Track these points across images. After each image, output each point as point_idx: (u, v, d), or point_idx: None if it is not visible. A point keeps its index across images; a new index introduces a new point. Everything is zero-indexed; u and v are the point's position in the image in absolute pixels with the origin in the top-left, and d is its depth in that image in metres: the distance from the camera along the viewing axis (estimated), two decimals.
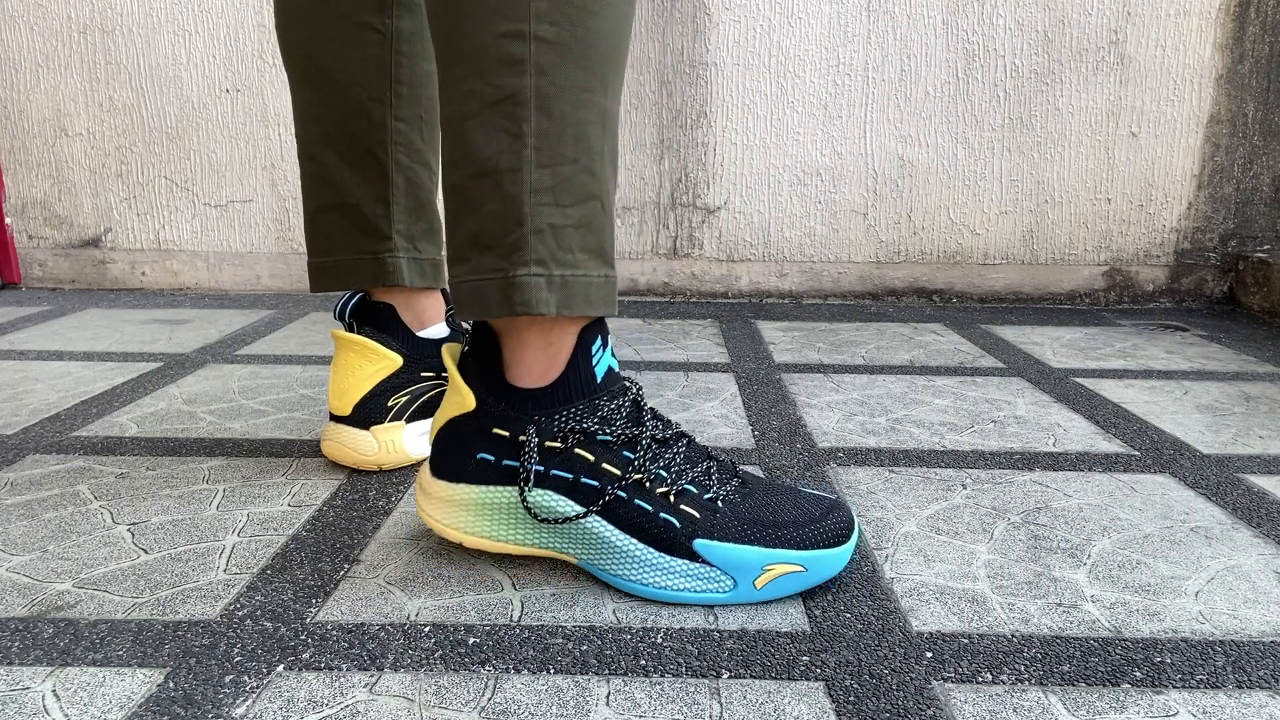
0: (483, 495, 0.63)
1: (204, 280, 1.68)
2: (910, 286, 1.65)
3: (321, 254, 0.84)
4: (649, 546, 0.61)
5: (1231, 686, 0.52)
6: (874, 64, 1.56)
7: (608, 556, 0.62)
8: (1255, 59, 1.54)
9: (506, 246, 0.61)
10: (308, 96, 0.81)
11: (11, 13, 1.57)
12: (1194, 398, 1.08)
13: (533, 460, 0.62)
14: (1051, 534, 0.72)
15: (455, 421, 0.64)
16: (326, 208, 0.82)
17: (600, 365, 0.63)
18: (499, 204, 0.61)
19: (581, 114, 0.60)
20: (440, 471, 0.64)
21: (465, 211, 0.62)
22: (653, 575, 0.61)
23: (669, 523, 0.61)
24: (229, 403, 1.03)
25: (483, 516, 0.64)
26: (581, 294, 0.62)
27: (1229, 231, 1.61)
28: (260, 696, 0.51)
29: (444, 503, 0.64)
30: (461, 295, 0.63)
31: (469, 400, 0.63)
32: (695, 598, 0.60)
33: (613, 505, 0.61)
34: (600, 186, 0.62)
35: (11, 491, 0.78)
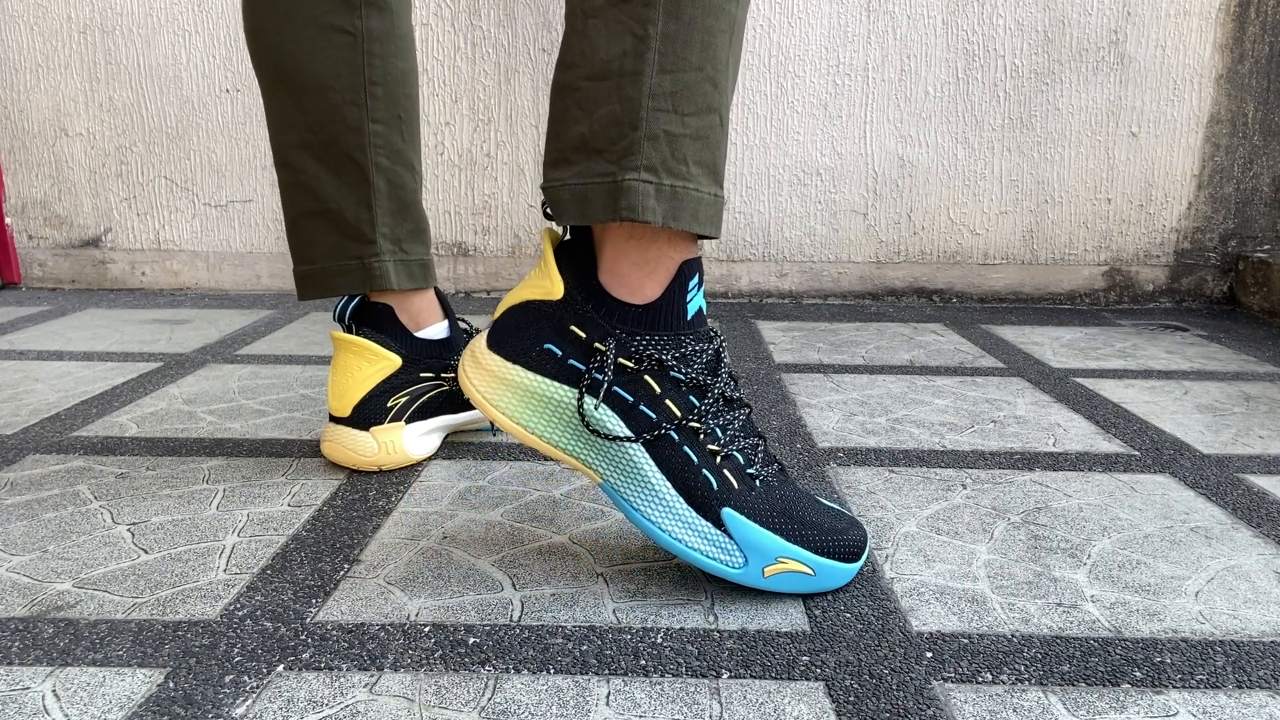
0: (537, 384, 0.61)
1: (204, 280, 1.68)
2: (910, 286, 1.65)
3: (306, 261, 0.83)
4: (680, 495, 0.60)
5: (1231, 686, 0.52)
6: (874, 64, 1.56)
7: (636, 490, 0.61)
8: (1255, 59, 1.54)
9: (618, 151, 0.58)
10: (281, 102, 0.80)
11: (11, 13, 1.57)
12: (1194, 398, 1.08)
13: (605, 369, 0.60)
14: (1051, 534, 0.72)
15: (532, 305, 0.61)
16: (307, 214, 0.81)
17: (693, 304, 0.62)
18: (616, 106, 0.58)
19: (710, 20, 0.57)
20: (499, 348, 0.62)
21: (577, 112, 0.59)
22: (673, 524, 0.60)
23: (707, 481, 0.60)
24: (229, 403, 1.03)
25: (529, 405, 0.61)
26: (690, 208, 0.59)
27: (1229, 231, 1.61)
28: (260, 696, 0.51)
29: (494, 378, 0.62)
30: (564, 199, 0.60)
31: (557, 288, 0.61)
32: (704, 562, 0.60)
33: (661, 442, 0.60)
34: (721, 99, 0.60)
35: (11, 491, 0.78)
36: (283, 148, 0.81)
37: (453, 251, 1.65)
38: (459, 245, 1.64)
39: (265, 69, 0.80)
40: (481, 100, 1.59)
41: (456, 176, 1.62)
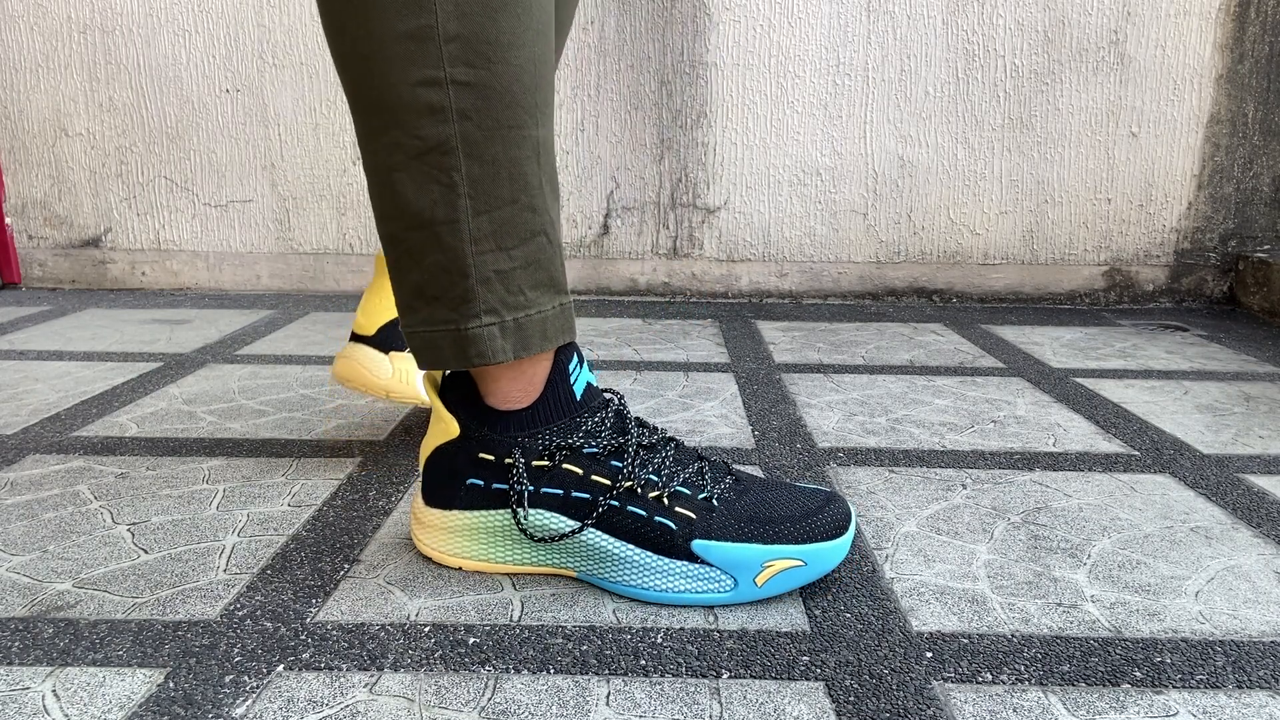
0: (477, 520, 0.63)
1: (204, 280, 1.68)
2: (910, 286, 1.65)
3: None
4: (647, 551, 0.61)
5: (1231, 686, 0.52)
6: (874, 64, 1.56)
7: (608, 566, 0.62)
8: (1255, 59, 1.54)
9: (454, 299, 0.59)
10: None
11: (11, 13, 1.57)
12: (1194, 398, 1.08)
13: (522, 481, 0.62)
14: (1051, 534, 0.72)
15: (441, 449, 0.64)
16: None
17: (579, 383, 0.63)
18: (440, 256, 0.59)
19: (514, 152, 0.57)
20: (433, 500, 0.65)
21: (407, 262, 0.60)
22: (653, 579, 0.61)
23: (665, 526, 0.61)
24: (229, 403, 1.03)
25: (479, 541, 0.64)
26: (538, 332, 0.61)
27: (1229, 231, 1.61)
28: (260, 696, 0.51)
29: (440, 530, 0.65)
30: (415, 345, 0.62)
31: (453, 428, 0.63)
32: (697, 599, 0.60)
33: (607, 515, 0.61)
34: (542, 220, 0.60)
35: (11, 491, 0.78)
36: None
37: None
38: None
39: None
40: None
41: None
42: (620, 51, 1.57)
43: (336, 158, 1.62)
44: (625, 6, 1.55)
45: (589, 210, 1.63)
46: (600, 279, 1.65)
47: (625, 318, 1.49)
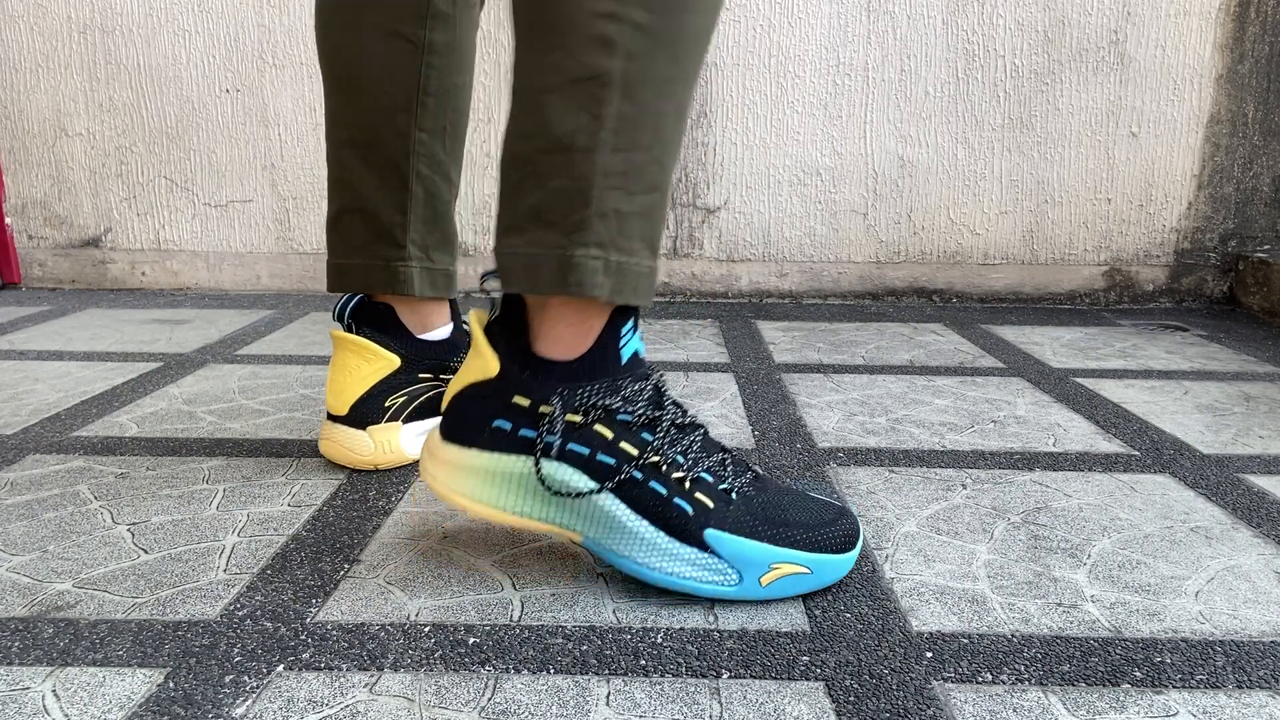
0: (494, 462, 0.61)
1: (204, 280, 1.68)
2: (910, 286, 1.65)
3: (340, 255, 0.84)
4: (660, 530, 0.61)
5: (1231, 686, 0.52)
6: (874, 64, 1.56)
7: (616, 537, 0.61)
8: (1255, 59, 1.54)
9: (570, 225, 0.60)
10: (338, 100, 0.82)
11: (11, 13, 1.57)
12: (1194, 398, 1.08)
13: (554, 431, 0.61)
14: (1051, 534, 0.72)
15: (474, 386, 0.62)
16: (348, 210, 0.83)
17: (627, 348, 0.63)
18: (567, 182, 0.60)
19: (662, 104, 0.59)
20: (452, 435, 0.63)
21: (530, 184, 0.61)
22: (659, 560, 0.61)
23: (682, 509, 0.61)
24: (229, 403, 1.03)
25: (491, 484, 0.62)
26: (632, 283, 0.61)
27: (1229, 231, 1.61)
28: (260, 696, 0.51)
29: (452, 467, 0.62)
30: (513, 265, 0.62)
31: (492, 365, 0.61)
32: (700, 588, 0.60)
33: (627, 484, 0.61)
34: (665, 178, 0.62)
35: (11, 491, 0.78)
36: (335, 143, 0.83)
37: None
38: (459, 245, 1.64)
39: (328, 67, 0.82)
40: (481, 100, 1.59)
41: None
42: None
43: None
44: None
45: None
46: None
47: None
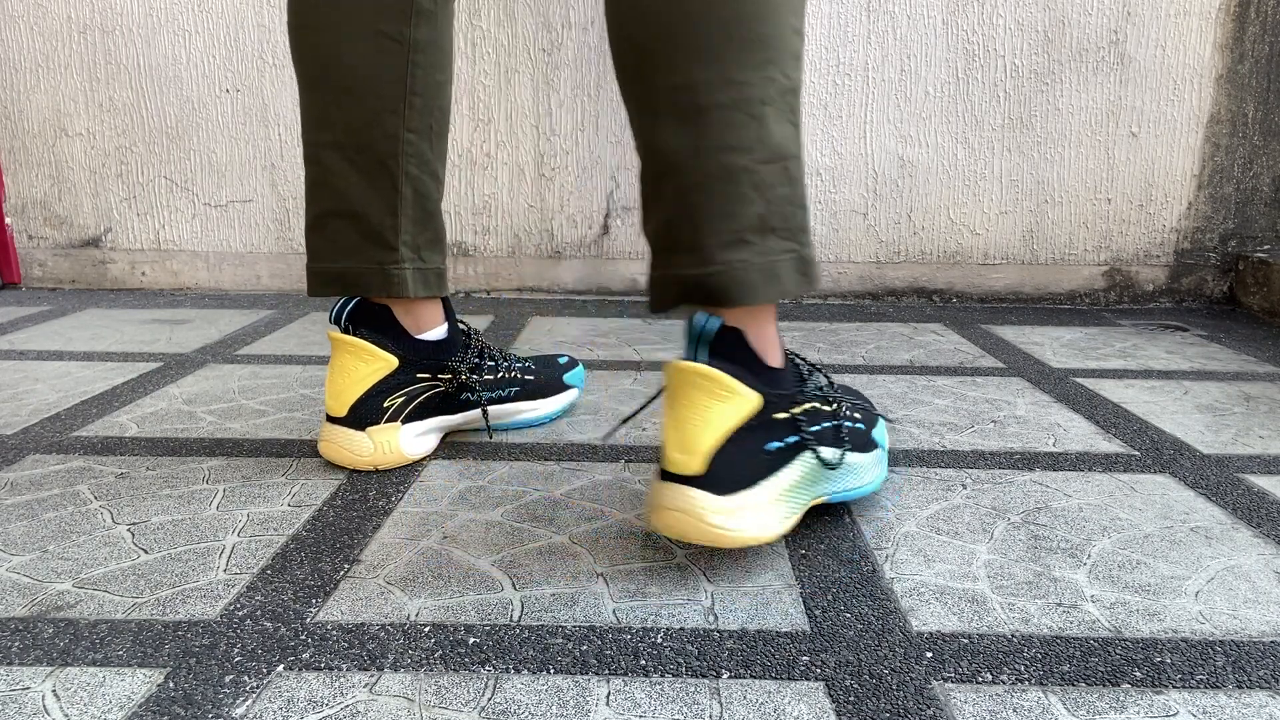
0: (782, 480, 0.66)
1: (204, 280, 1.68)
2: (910, 286, 1.65)
3: (326, 260, 0.83)
4: (858, 453, 0.73)
5: (1231, 686, 0.52)
6: (874, 64, 1.56)
7: (852, 475, 0.72)
8: (1255, 59, 1.54)
9: (793, 229, 0.65)
10: (319, 100, 0.80)
11: (11, 13, 1.57)
12: (1194, 398, 1.08)
13: (815, 424, 0.68)
14: (1051, 534, 0.72)
15: (739, 431, 0.63)
16: (332, 214, 0.81)
17: None
18: (787, 189, 0.64)
19: None
20: (734, 485, 0.63)
21: (752, 195, 0.63)
22: (871, 472, 0.74)
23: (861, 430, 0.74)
24: (229, 403, 1.03)
25: (787, 499, 0.66)
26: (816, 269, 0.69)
27: (1229, 231, 1.61)
28: (260, 696, 0.51)
29: (752, 511, 0.63)
30: (751, 278, 0.64)
31: (755, 397, 0.63)
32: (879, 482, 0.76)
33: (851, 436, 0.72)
34: None
35: (11, 491, 0.78)
36: (315, 145, 0.81)
37: (453, 251, 1.65)
38: (459, 245, 1.64)
39: (307, 65, 0.80)
40: (481, 100, 1.59)
41: (456, 176, 1.62)
42: None
43: None
44: None
45: (589, 210, 1.63)
46: (600, 279, 1.65)
47: (625, 318, 1.49)
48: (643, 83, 0.65)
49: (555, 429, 0.94)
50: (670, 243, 0.66)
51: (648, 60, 0.64)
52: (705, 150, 0.63)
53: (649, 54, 0.63)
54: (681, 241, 0.65)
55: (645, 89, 0.65)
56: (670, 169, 0.64)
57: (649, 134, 0.65)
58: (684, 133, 0.63)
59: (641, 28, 0.63)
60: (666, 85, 0.63)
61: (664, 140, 0.64)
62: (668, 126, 0.64)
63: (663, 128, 0.64)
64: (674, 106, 0.63)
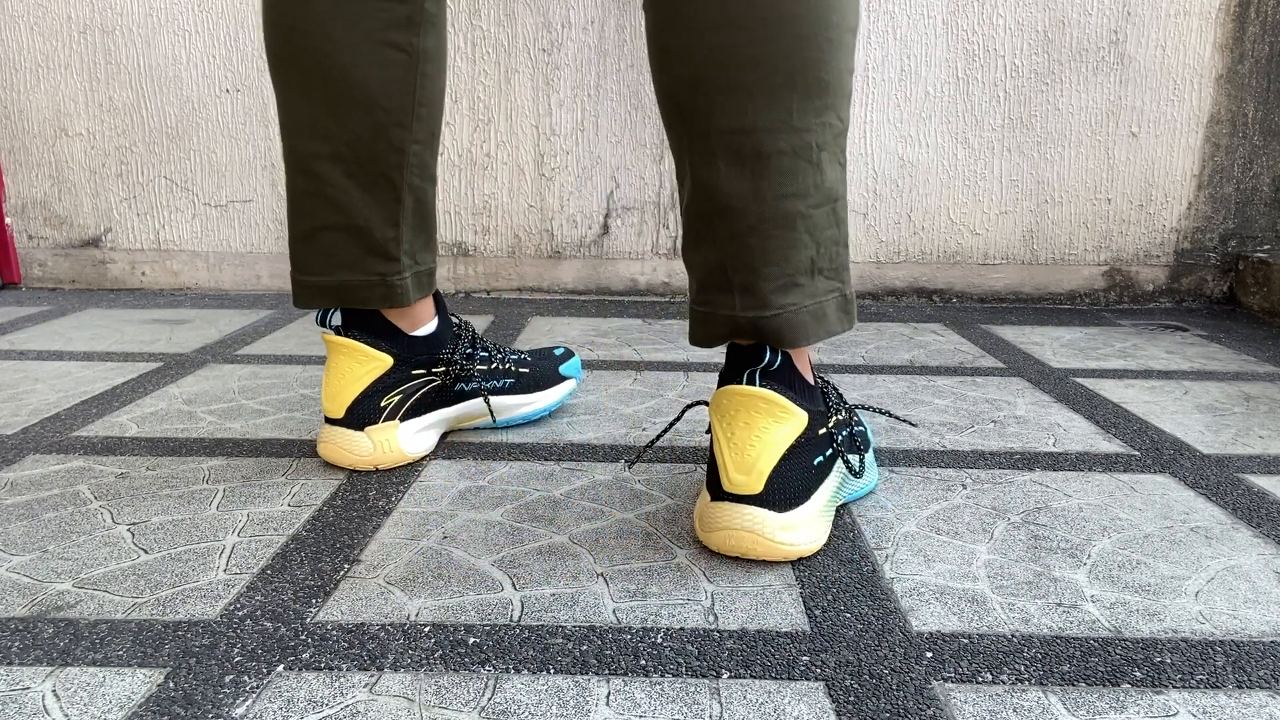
0: (830, 488, 0.69)
1: (204, 280, 1.68)
2: (910, 286, 1.65)
3: (320, 273, 0.79)
4: (867, 453, 0.77)
5: (1231, 686, 0.52)
6: (874, 64, 1.56)
7: (865, 479, 0.77)
8: (1255, 59, 1.54)
9: (837, 268, 0.67)
10: (315, 111, 0.74)
11: (11, 13, 1.57)
12: (1194, 398, 1.08)
13: (842, 432, 0.71)
14: (1051, 534, 0.72)
15: (792, 449, 0.65)
16: (329, 227, 0.78)
17: None
18: (835, 230, 0.65)
19: None
20: (791, 502, 0.65)
21: (807, 238, 0.64)
22: (868, 474, 0.77)
23: (862, 431, 0.78)
24: (229, 403, 1.03)
25: (828, 509, 0.69)
26: None
27: (1229, 231, 1.61)
28: (260, 696, 0.51)
29: (808, 525, 0.66)
30: (803, 321, 0.66)
31: (805, 419, 0.66)
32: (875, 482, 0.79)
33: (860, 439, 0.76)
34: None
35: (11, 491, 0.78)
36: (308, 157, 0.76)
37: (453, 251, 1.65)
38: (459, 245, 1.64)
39: (298, 70, 0.74)
40: (481, 100, 1.59)
41: (456, 176, 1.62)
42: (620, 51, 1.57)
43: None
44: (625, 6, 1.55)
45: (589, 210, 1.63)
46: (600, 279, 1.65)
47: (625, 318, 1.49)
48: (698, 122, 0.64)
49: (555, 429, 0.94)
50: (722, 283, 0.66)
51: (705, 100, 0.62)
52: (764, 196, 0.63)
53: (707, 95, 0.62)
54: (734, 283, 0.65)
55: (701, 129, 0.64)
56: (726, 211, 0.64)
57: (703, 173, 0.64)
58: (743, 177, 0.63)
59: (700, 67, 0.62)
60: (725, 128, 0.62)
61: (720, 182, 0.63)
62: (725, 169, 0.63)
63: (720, 170, 0.63)
64: (733, 150, 0.62)
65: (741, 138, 0.62)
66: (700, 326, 0.69)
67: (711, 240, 0.66)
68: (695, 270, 0.68)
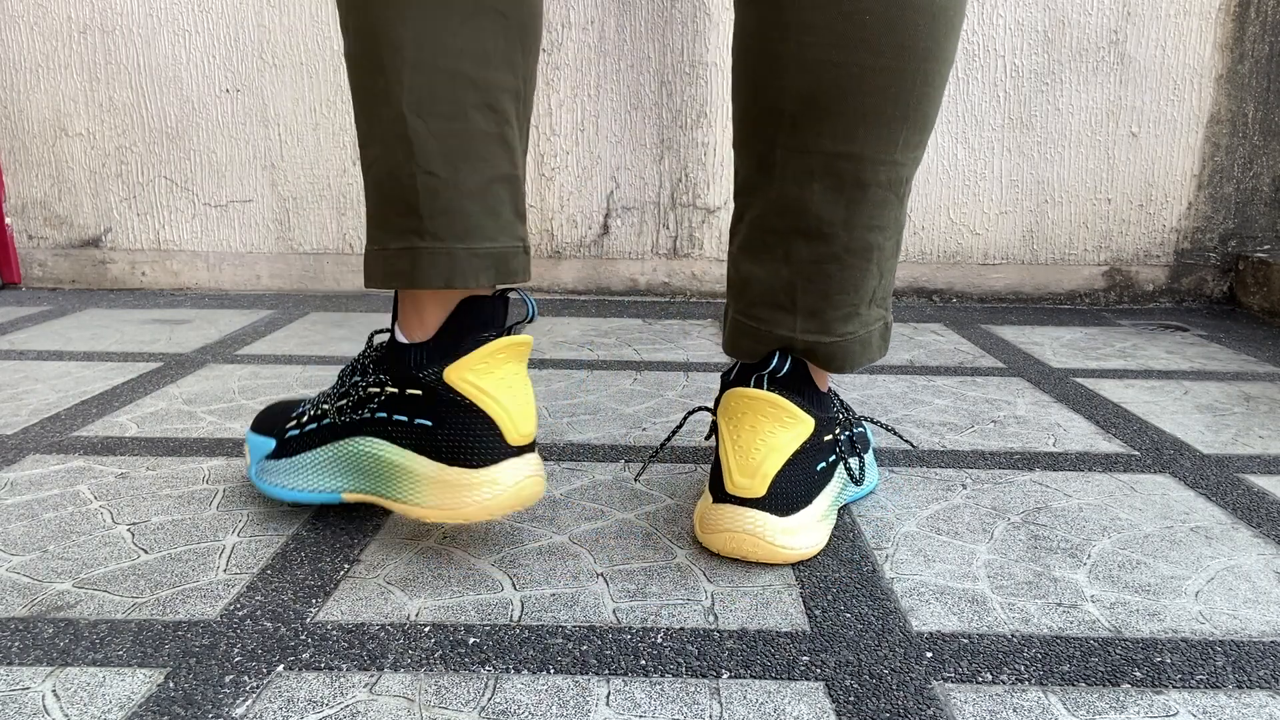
0: (831, 492, 0.69)
1: (204, 280, 1.68)
2: (910, 286, 1.65)
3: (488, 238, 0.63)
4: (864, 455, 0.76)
5: (1231, 686, 0.52)
6: None
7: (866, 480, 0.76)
8: (1255, 59, 1.54)
9: (885, 298, 0.68)
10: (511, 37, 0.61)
11: (11, 13, 1.57)
12: (1194, 398, 1.08)
13: (844, 436, 0.71)
14: (1051, 534, 0.72)
15: (795, 454, 0.65)
16: (503, 180, 0.63)
17: None
18: (894, 260, 0.66)
19: None
20: (793, 506, 0.65)
21: (876, 271, 0.65)
22: (869, 476, 0.77)
23: (862, 432, 0.78)
24: (229, 403, 1.03)
25: (829, 513, 0.69)
26: None
27: (1229, 231, 1.61)
28: (260, 696, 0.51)
29: (809, 529, 0.66)
30: (853, 350, 0.66)
31: (812, 424, 0.66)
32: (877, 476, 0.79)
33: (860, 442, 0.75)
34: None
35: (11, 491, 0.78)
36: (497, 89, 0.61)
37: None
38: None
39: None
40: None
41: None
42: (620, 51, 1.57)
43: (336, 158, 1.62)
44: (625, 6, 1.55)
45: (589, 210, 1.63)
46: (600, 279, 1.65)
47: (625, 318, 1.49)
48: (802, 138, 0.61)
49: (555, 429, 0.94)
50: (785, 303, 0.65)
51: (816, 117, 0.60)
52: (855, 225, 0.62)
53: (820, 111, 0.60)
54: (799, 305, 0.65)
55: (801, 144, 0.61)
56: (813, 234, 0.63)
57: (794, 191, 0.62)
58: (838, 204, 0.62)
59: (820, 82, 0.59)
60: (831, 150, 0.60)
61: (814, 204, 0.62)
62: (821, 192, 0.62)
63: (814, 191, 0.62)
64: (834, 174, 0.61)
65: (846, 163, 0.60)
66: (746, 339, 0.67)
67: (785, 259, 0.64)
68: (753, 284, 0.66)
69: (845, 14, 0.57)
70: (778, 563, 0.65)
